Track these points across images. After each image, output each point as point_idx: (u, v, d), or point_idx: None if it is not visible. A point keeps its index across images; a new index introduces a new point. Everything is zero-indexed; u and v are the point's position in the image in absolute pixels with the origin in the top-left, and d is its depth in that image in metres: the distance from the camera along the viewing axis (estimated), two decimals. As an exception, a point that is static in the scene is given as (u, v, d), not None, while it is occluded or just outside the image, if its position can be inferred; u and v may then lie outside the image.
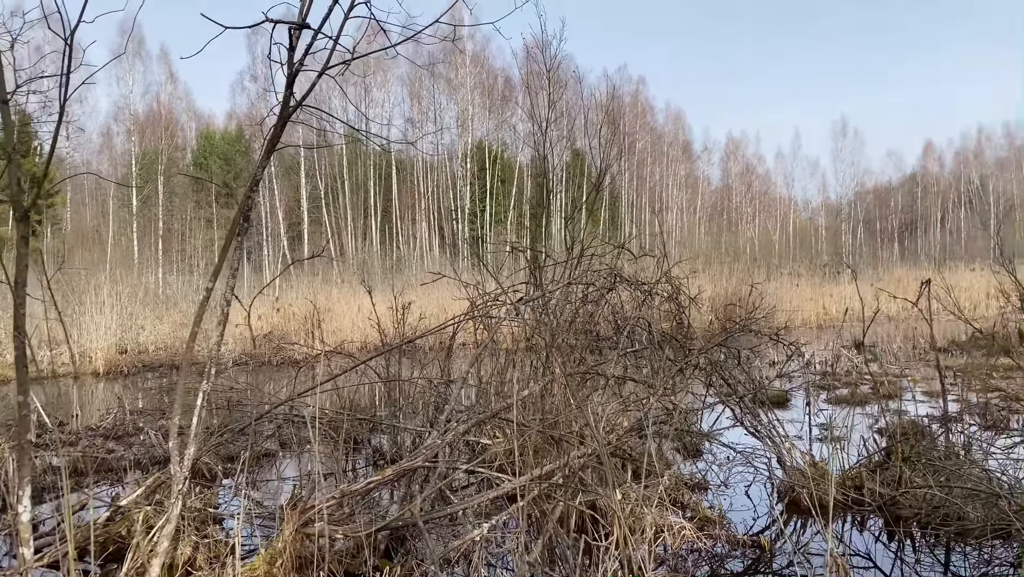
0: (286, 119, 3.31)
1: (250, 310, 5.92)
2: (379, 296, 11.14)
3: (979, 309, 21.28)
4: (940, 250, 54.58)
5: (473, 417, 4.83)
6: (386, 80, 46.04)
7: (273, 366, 14.51)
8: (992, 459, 5.92)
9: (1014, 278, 7.46)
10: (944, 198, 63.75)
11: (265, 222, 42.37)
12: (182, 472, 3.35)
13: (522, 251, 6.56)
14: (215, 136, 46.86)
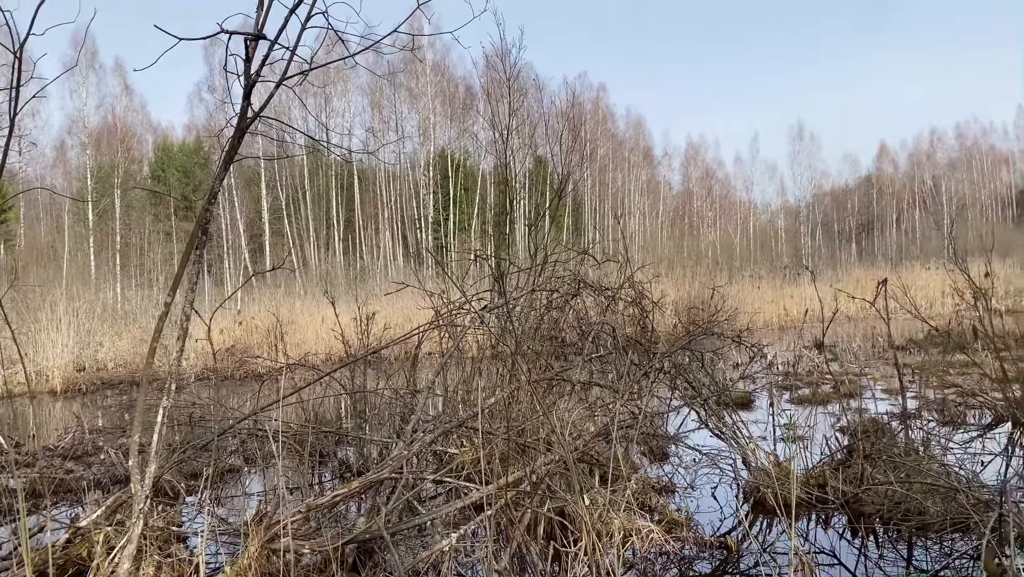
0: (243, 131, 3.28)
1: (211, 324, 5.85)
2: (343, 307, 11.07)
3: (935, 307, 21.72)
4: (896, 250, 55.72)
5: (439, 427, 4.80)
6: (347, 90, 45.81)
7: (236, 380, 14.31)
8: (950, 454, 6.05)
9: (967, 276, 7.64)
10: (899, 199, 65.11)
11: (226, 234, 41.85)
12: (143, 491, 3.29)
13: (485, 259, 6.56)
14: (173, 148, 46.22)
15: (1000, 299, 24.65)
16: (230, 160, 3.28)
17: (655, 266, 25.36)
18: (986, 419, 7.87)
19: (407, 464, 4.60)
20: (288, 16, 3.28)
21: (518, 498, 4.29)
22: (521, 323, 6.53)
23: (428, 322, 5.70)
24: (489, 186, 46.55)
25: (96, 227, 38.06)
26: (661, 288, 17.25)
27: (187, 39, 3.16)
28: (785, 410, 8.64)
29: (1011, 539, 3.66)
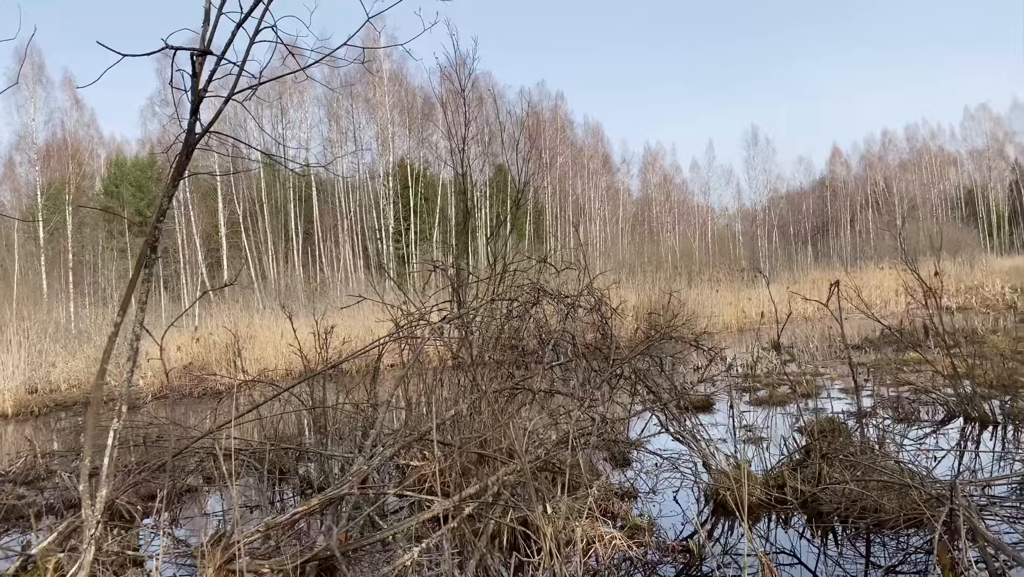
0: (192, 147, 3.24)
1: (163, 342, 5.75)
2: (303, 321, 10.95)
3: (889, 306, 22.17)
4: (851, 250, 56.78)
5: (400, 440, 4.78)
6: (303, 101, 45.47)
7: (195, 398, 14.07)
8: (905, 451, 6.18)
9: (916, 276, 7.83)
10: (852, 201, 66.44)
11: (182, 250, 41.16)
12: (95, 515, 3.21)
13: (444, 269, 6.54)
14: (126, 163, 45.40)
15: (951, 297, 25.25)
16: (179, 177, 3.24)
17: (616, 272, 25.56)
18: (939, 415, 8.04)
19: (368, 479, 4.56)
20: (235, 31, 3.25)
21: (481, 509, 4.28)
22: (482, 333, 6.53)
23: (387, 334, 5.67)
24: (450, 195, 46.52)
25: (47, 245, 37.21)
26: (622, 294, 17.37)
27: (130, 55, 3.11)
28: (745, 412, 8.74)
29: (962, 532, 3.74)
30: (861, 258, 42.31)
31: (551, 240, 50.08)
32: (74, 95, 40.87)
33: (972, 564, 3.74)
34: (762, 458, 5.99)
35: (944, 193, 65.40)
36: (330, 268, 43.96)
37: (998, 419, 7.46)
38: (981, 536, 3.77)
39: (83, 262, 39.53)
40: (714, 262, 44.47)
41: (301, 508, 4.05)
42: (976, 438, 7.13)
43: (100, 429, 3.73)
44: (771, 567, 3.77)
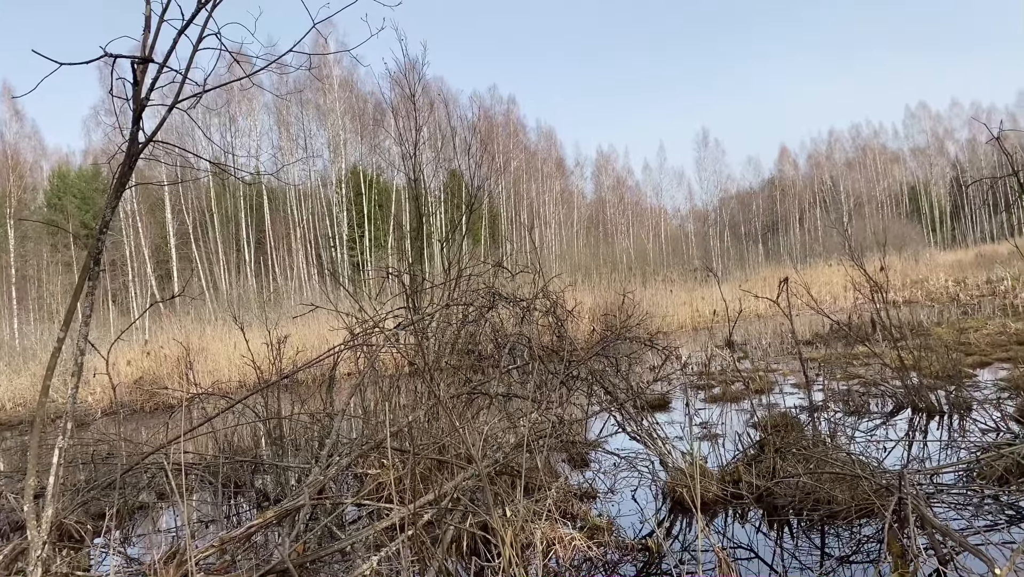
0: (135, 157, 3.17)
1: (111, 356, 5.62)
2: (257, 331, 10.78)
3: (839, 301, 22.64)
4: (801, 248, 57.88)
5: (356, 449, 4.73)
6: (252, 109, 44.87)
7: (146, 413, 13.78)
8: (856, 443, 6.31)
9: (863, 271, 8.02)
10: (801, 199, 67.76)
11: (131, 262, 40.26)
12: (40, 536, 3.12)
13: (397, 275, 6.51)
14: (70, 175, 44.28)
15: (897, 291, 25.89)
16: (122, 188, 3.17)
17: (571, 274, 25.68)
18: (888, 407, 8.23)
19: (325, 489, 4.51)
20: (176, 38, 3.20)
21: (440, 515, 4.26)
22: (438, 338, 6.51)
23: (341, 343, 5.61)
24: (404, 201, 46.27)
25: (-12, 260, 36.13)
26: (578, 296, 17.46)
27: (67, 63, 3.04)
28: (700, 409, 8.85)
29: (910, 520, 3.83)
30: (810, 255, 43.16)
31: (507, 244, 50.18)
32: (13, 105, 39.80)
33: (921, 551, 3.84)
34: (718, 454, 6.07)
35: (889, 190, 67.09)
36: (283, 277, 43.43)
37: (944, 409, 7.66)
38: (929, 523, 3.87)
39: (27, 277, 38.45)
40: (668, 262, 45.00)
41: (256, 521, 3.98)
42: (924, 428, 7.31)
43: (46, 447, 3.63)
44: (728, 562, 3.82)
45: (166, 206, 41.07)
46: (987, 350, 11.20)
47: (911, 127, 68.56)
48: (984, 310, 18.57)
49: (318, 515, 4.69)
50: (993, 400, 7.39)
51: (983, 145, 59.71)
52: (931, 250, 44.04)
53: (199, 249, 42.07)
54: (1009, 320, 14.29)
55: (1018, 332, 12.29)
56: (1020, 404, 7.01)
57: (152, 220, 41.80)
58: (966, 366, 9.94)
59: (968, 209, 64.66)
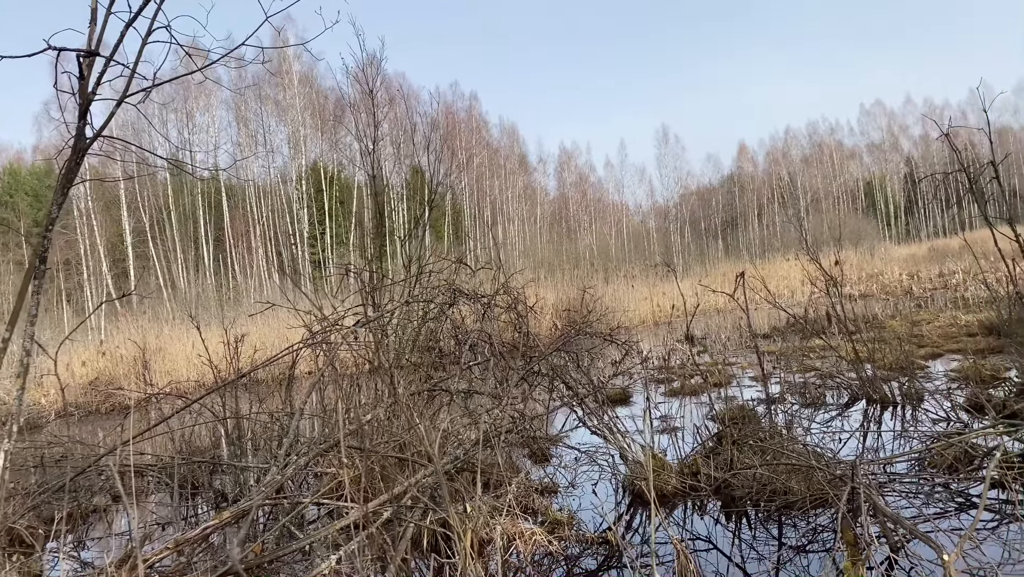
0: (82, 152, 3.10)
1: (67, 357, 5.50)
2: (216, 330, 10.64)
3: (796, 296, 22.99)
4: (759, 243, 58.71)
5: (314, 448, 4.69)
6: (210, 105, 44.17)
7: (102, 415, 13.51)
8: (811, 434, 6.42)
9: (819, 265, 8.15)
10: (759, 195, 68.70)
11: (86, 261, 39.41)
12: (-13, 543, 3.04)
13: (356, 273, 6.46)
14: (22, 172, 43.20)
15: (853, 285, 26.38)
16: (68, 184, 3.10)
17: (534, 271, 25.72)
18: (843, 398, 8.38)
19: (283, 488, 4.47)
20: (124, 31, 3.13)
21: (400, 513, 4.24)
22: (398, 336, 6.48)
23: (299, 341, 5.55)
24: (365, 198, 45.96)
25: (-64, 260, 35.12)
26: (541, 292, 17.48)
27: (7, 56, 2.95)
28: (660, 403, 8.93)
29: (863, 509, 3.90)
30: (769, 250, 43.78)
31: (470, 241, 50.13)
32: (-40, 101, 38.69)
33: (874, 539, 3.91)
34: (677, 447, 6.13)
35: (845, 186, 68.29)
36: (243, 275, 42.86)
37: (897, 400, 7.83)
38: (881, 512, 3.95)
39: (-24, 277, 37.47)
40: (629, 258, 45.33)
41: (212, 522, 3.93)
42: (878, 419, 7.46)
43: None
44: (685, 553, 3.86)
45: (122, 203, 40.26)
46: (939, 342, 11.46)
47: (866, 124, 69.92)
48: (936, 303, 18.99)
49: (278, 515, 4.65)
50: (944, 391, 7.56)
51: (936, 141, 60.99)
52: (886, 244, 44.98)
53: (156, 247, 41.35)
54: (960, 312, 14.64)
55: (968, 324, 12.59)
56: (969, 394, 7.19)
57: (108, 218, 40.95)
58: (919, 358, 10.17)
59: (921, 204, 66.08)
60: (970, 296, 18.33)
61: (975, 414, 6.35)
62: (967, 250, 8.49)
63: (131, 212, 40.81)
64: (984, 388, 7.39)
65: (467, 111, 54.97)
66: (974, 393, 7.03)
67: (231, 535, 4.95)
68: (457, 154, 51.37)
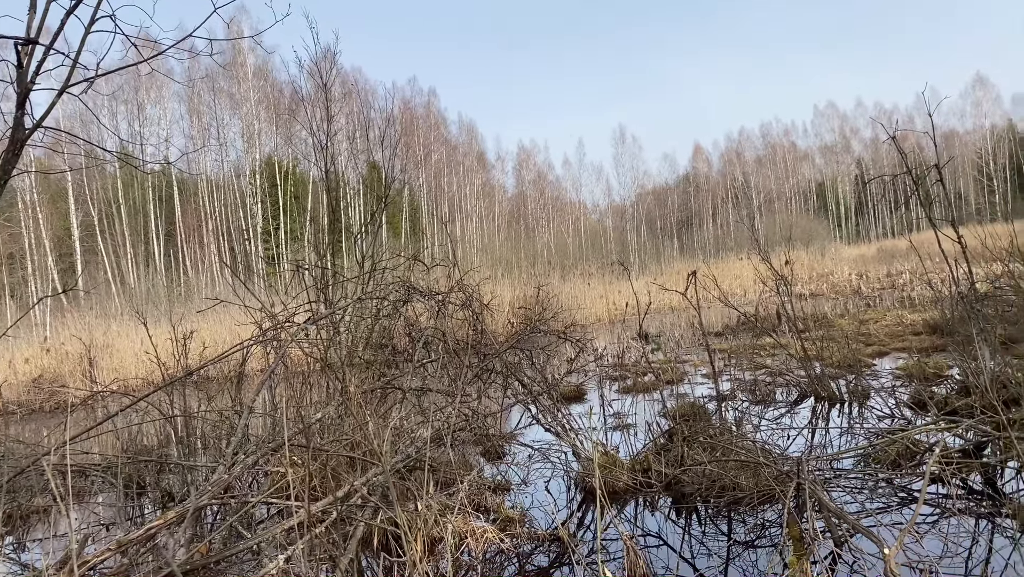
0: (20, 143, 3.00)
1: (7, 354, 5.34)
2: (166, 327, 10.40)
3: (749, 294, 23.33)
4: (713, 242, 59.48)
5: (263, 447, 4.62)
6: (161, 96, 43.25)
7: (46, 413, 13.16)
8: (761, 431, 6.51)
9: (769, 265, 8.28)
10: (714, 195, 69.65)
11: (31, 255, 38.29)
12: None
13: (308, 269, 6.38)
14: (-39, 163, 41.82)
15: (804, 284, 26.88)
16: (6, 176, 3.00)
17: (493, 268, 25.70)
18: (792, 395, 8.53)
19: (231, 487, 4.40)
20: (64, 19, 3.04)
21: (350, 512, 4.20)
22: (351, 333, 6.41)
23: (249, 338, 5.47)
24: (320, 193, 45.44)
25: None
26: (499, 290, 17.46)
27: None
28: (614, 400, 8.99)
29: (808, 505, 3.98)
30: (723, 250, 44.40)
31: (427, 237, 49.91)
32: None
33: (818, 533, 3.99)
34: (629, 444, 6.18)
35: (797, 186, 69.58)
36: (195, 271, 42.09)
37: (844, 397, 7.99)
38: (825, 507, 4.03)
39: (-85, 271, 36.21)
40: (587, 257, 45.55)
41: (157, 522, 3.85)
42: (825, 416, 7.60)
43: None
44: (635, 549, 3.89)
45: (69, 196, 39.21)
46: (885, 340, 11.73)
47: (819, 126, 71.32)
48: (884, 302, 19.44)
49: (226, 514, 4.57)
50: (889, 388, 7.74)
51: (885, 144, 62.48)
52: (836, 245, 45.93)
53: (105, 241, 40.38)
54: (906, 312, 15.00)
55: (914, 323, 12.91)
56: (913, 392, 7.37)
57: (54, 211, 39.84)
58: (866, 356, 10.40)
59: (871, 206, 67.62)
60: (916, 296, 18.81)
61: (918, 411, 6.51)
62: (914, 251, 8.70)
63: (79, 205, 39.77)
64: (927, 386, 7.58)
65: (425, 107, 54.77)
66: (917, 391, 7.21)
67: (178, 535, 4.86)
68: (415, 150, 51.16)
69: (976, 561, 3.78)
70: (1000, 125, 64.75)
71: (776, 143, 70.81)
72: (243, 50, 42.41)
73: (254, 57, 43.58)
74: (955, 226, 6.72)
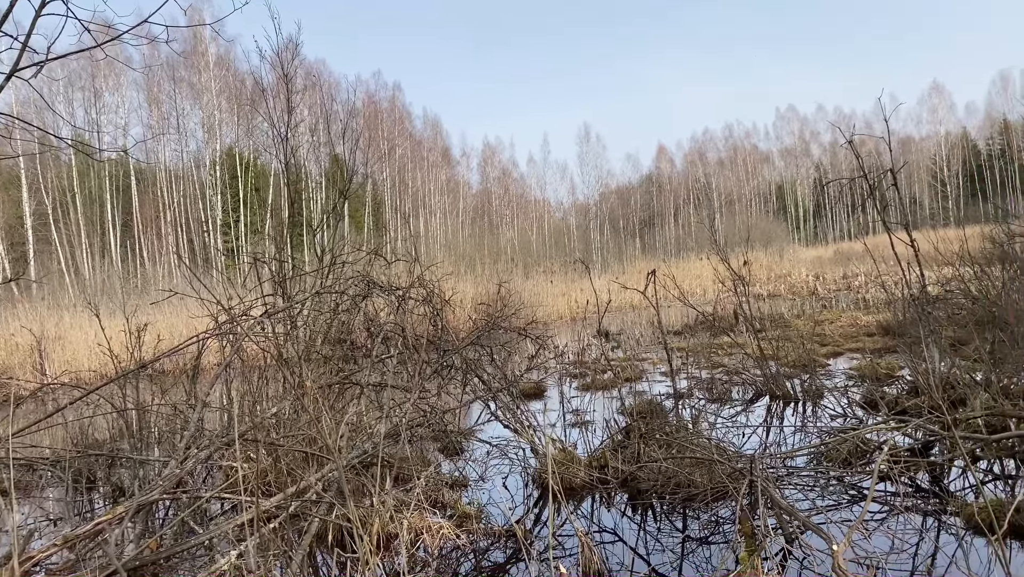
0: (-35, 127, 2.91)
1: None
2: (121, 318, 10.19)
3: (708, 294, 23.59)
4: (675, 242, 60.05)
5: (215, 441, 4.55)
6: (120, 84, 42.32)
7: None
8: (717, 429, 6.59)
9: (727, 265, 8.38)
10: (676, 196, 70.28)
11: (-20, 244, 37.28)
12: None
13: (265, 262, 6.30)
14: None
15: (763, 284, 27.25)
16: (-50, 160, 2.91)
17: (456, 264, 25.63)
18: (748, 394, 8.65)
19: (184, 482, 4.33)
20: (13, 1, 2.96)
21: (304, 508, 4.16)
22: (309, 327, 6.35)
23: (204, 331, 5.38)
24: (282, 186, 44.86)
25: None
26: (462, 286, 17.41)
27: None
28: (574, 397, 9.03)
29: (760, 502, 4.03)
30: (683, 249, 44.80)
31: (391, 232, 49.60)
32: None
33: (770, 530, 4.05)
34: (587, 441, 6.21)
35: (758, 188, 70.51)
36: (152, 262, 41.32)
37: (799, 396, 8.12)
38: (776, 504, 4.09)
39: None
40: (550, 254, 45.70)
41: (105, 517, 3.77)
42: (780, 414, 7.72)
43: None
44: (589, 545, 3.91)
45: (22, 184, 38.20)
46: (840, 341, 11.95)
47: (780, 129, 72.36)
48: (840, 304, 19.80)
49: (180, 509, 4.50)
50: (842, 388, 7.89)
51: (843, 148, 63.56)
52: (795, 246, 46.68)
53: (59, 231, 39.45)
54: (860, 313, 15.31)
55: (868, 325, 13.18)
56: (865, 392, 7.52)
57: (6, 198, 38.78)
58: (820, 356, 10.58)
59: (829, 208, 68.78)
60: (870, 298, 19.18)
61: (869, 411, 6.64)
62: (869, 254, 8.87)
63: (32, 193, 38.76)
64: (879, 386, 7.74)
65: (390, 101, 54.41)
66: (869, 391, 7.35)
67: (129, 531, 4.77)
68: (379, 144, 50.81)
69: (922, 557, 3.87)
70: (955, 132, 66.32)
71: (738, 145, 71.71)
72: (204, 39, 41.70)
73: (216, 47, 42.88)
74: (909, 230, 6.86)
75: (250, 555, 3.18)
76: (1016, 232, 8.39)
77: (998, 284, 7.87)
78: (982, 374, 6.90)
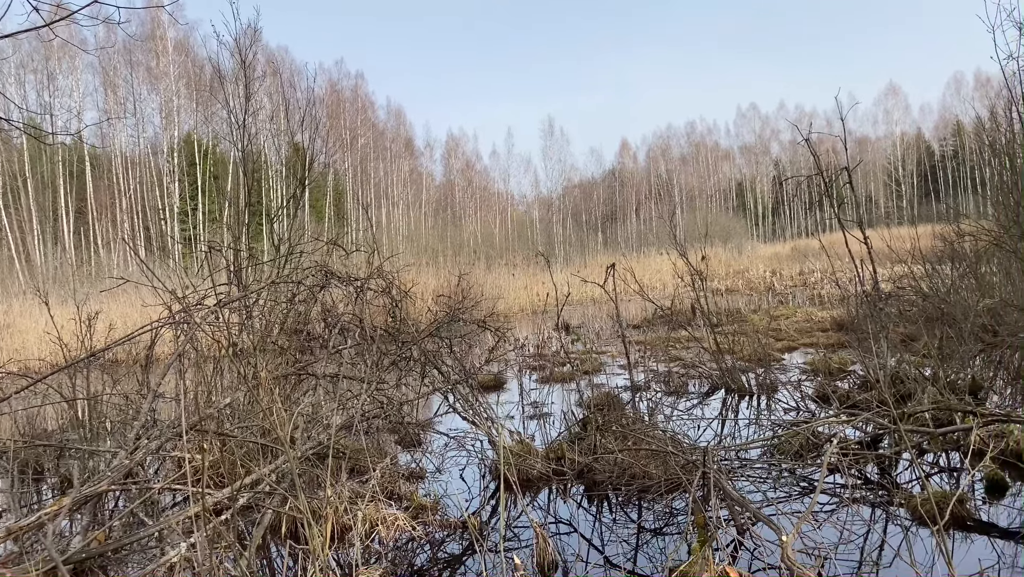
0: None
1: None
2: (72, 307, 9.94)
3: (668, 289, 23.80)
4: (636, 237, 60.49)
5: (166, 432, 4.48)
6: (74, 67, 41.27)
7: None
8: (673, 421, 6.67)
9: (685, 260, 8.46)
10: (639, 191, 70.73)
11: (-74, 229, 36.16)
12: None
13: (220, 251, 6.20)
14: None
15: (721, 280, 27.58)
16: None
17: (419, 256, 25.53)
18: (705, 387, 8.76)
19: (134, 473, 4.25)
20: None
21: (258, 499, 4.12)
22: (265, 317, 6.27)
23: (156, 320, 5.28)
24: (240, 175, 44.11)
25: None
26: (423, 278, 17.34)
27: None
28: (533, 389, 9.06)
29: (712, 493, 4.09)
30: (644, 244, 45.20)
31: (351, 223, 49.20)
32: None
33: (722, 521, 4.11)
34: (545, 432, 6.23)
35: (718, 185, 71.28)
36: (106, 250, 40.43)
37: (753, 390, 8.25)
38: (728, 496, 4.15)
39: None
40: (513, 247, 45.68)
41: (50, 508, 3.69)
42: (735, 407, 7.84)
43: None
44: (544, 536, 3.93)
45: (-31, 168, 37.15)
46: (795, 336, 12.15)
47: (741, 126, 73.15)
48: (796, 299, 20.13)
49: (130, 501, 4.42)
50: (795, 382, 8.03)
51: (801, 146, 64.52)
52: (753, 243, 47.34)
53: (9, 216, 38.40)
54: (815, 309, 15.58)
55: (822, 320, 13.41)
56: (818, 386, 7.66)
57: (-47, 183, 37.71)
58: (775, 351, 10.75)
59: (787, 205, 69.82)
60: (825, 294, 19.53)
61: (822, 404, 6.77)
62: (824, 251, 9.04)
63: (-20, 178, 37.71)
64: (831, 380, 7.89)
65: (353, 90, 53.79)
66: (822, 385, 7.49)
67: (77, 523, 4.67)
68: (341, 133, 50.31)
69: (870, 548, 3.96)
70: (910, 133, 67.72)
71: (700, 142, 72.36)
72: (163, 23, 40.86)
73: (175, 31, 42.05)
74: (863, 228, 7.00)
75: (199, 547, 3.14)
76: (966, 231, 8.60)
77: (948, 282, 8.07)
78: (930, 369, 7.07)
